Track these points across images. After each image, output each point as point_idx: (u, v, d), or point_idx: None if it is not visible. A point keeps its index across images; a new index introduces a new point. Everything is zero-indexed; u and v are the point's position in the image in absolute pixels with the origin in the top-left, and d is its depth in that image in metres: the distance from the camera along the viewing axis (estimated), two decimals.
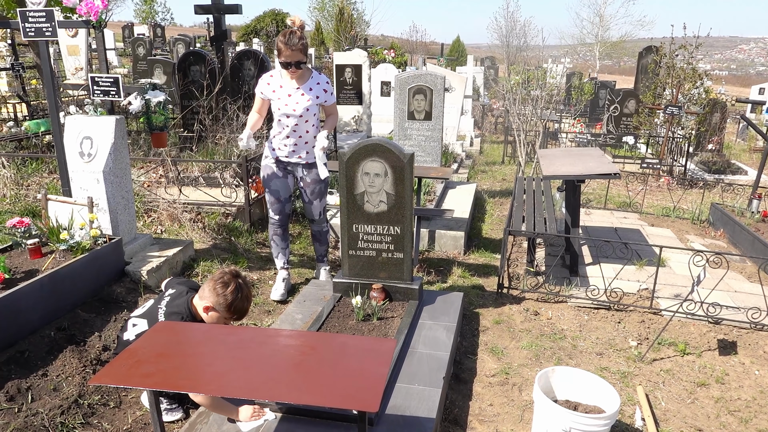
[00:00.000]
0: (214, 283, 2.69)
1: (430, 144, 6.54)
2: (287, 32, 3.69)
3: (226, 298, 2.65)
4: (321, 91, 3.89)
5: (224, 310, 2.67)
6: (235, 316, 2.71)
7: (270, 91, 3.88)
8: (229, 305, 2.66)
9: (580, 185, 4.72)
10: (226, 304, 2.66)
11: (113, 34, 23.97)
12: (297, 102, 3.83)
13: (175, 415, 2.87)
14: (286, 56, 3.70)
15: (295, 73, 3.80)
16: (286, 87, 3.85)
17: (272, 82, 3.89)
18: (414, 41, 38.28)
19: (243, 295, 2.69)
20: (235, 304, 2.67)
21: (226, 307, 2.66)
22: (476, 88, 14.55)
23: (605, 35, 28.42)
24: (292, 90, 3.84)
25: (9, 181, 5.94)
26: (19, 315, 3.18)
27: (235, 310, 2.68)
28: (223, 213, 5.49)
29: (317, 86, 3.88)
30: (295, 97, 3.84)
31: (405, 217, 3.53)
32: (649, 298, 4.16)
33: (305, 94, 3.84)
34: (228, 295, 2.66)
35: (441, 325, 3.47)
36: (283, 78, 3.86)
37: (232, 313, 2.68)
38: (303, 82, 3.85)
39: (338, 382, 1.98)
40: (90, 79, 4.13)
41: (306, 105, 3.84)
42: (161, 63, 10.50)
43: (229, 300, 2.65)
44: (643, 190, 7.51)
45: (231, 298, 2.66)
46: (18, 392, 2.84)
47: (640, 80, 14.12)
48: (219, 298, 2.66)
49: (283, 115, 3.86)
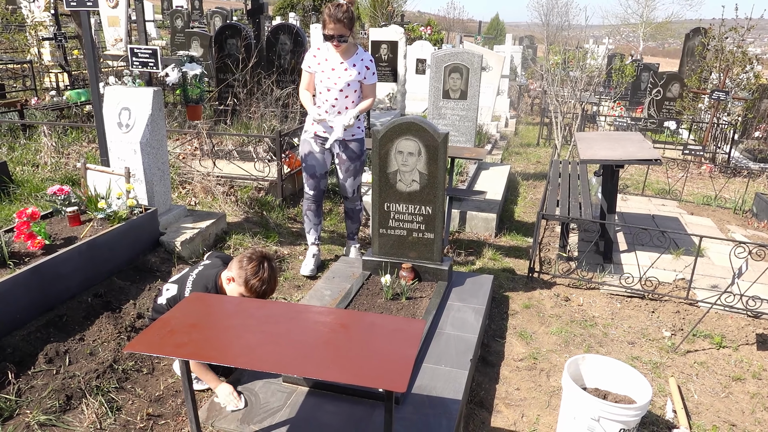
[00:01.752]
0: (242, 256, 2.71)
1: (465, 124, 6.45)
2: (334, 4, 3.68)
3: (246, 272, 2.65)
4: (363, 68, 3.86)
5: (242, 285, 2.66)
6: (251, 294, 2.67)
7: (315, 63, 3.88)
8: (246, 281, 2.65)
9: (618, 170, 4.59)
10: (244, 278, 2.65)
11: (152, 6, 24.18)
12: (339, 76, 3.82)
13: (205, 384, 2.93)
14: (330, 29, 3.69)
15: (339, 47, 3.78)
16: (331, 60, 3.84)
17: (318, 54, 3.89)
18: (451, 18, 37.62)
19: (262, 277, 2.66)
20: (251, 282, 2.64)
21: (244, 281, 2.65)
22: (513, 68, 14.25)
23: (651, 15, 27.45)
24: (336, 64, 3.83)
25: (50, 149, 6.08)
26: (58, 280, 3.28)
27: (251, 288, 2.65)
28: (256, 187, 5.53)
29: (360, 62, 3.86)
30: (338, 71, 3.82)
31: (437, 197, 3.49)
32: (685, 289, 4.05)
33: (348, 69, 3.83)
34: (248, 270, 2.65)
35: (470, 307, 3.45)
36: (329, 51, 3.85)
37: (248, 290, 2.66)
38: (348, 56, 3.84)
39: (367, 360, 1.98)
40: (129, 51, 4.17)
41: (348, 80, 3.82)
42: (198, 36, 10.54)
43: (248, 275, 2.64)
44: (683, 177, 7.28)
45: (249, 274, 2.65)
46: (56, 355, 2.94)
47: (685, 63, 13.60)
48: (240, 271, 2.66)
49: (324, 88, 3.86)
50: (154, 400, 2.81)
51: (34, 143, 6.42)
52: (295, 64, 7.67)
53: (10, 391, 2.67)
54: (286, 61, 7.75)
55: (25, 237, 3.30)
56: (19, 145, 6.42)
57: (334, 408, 2.55)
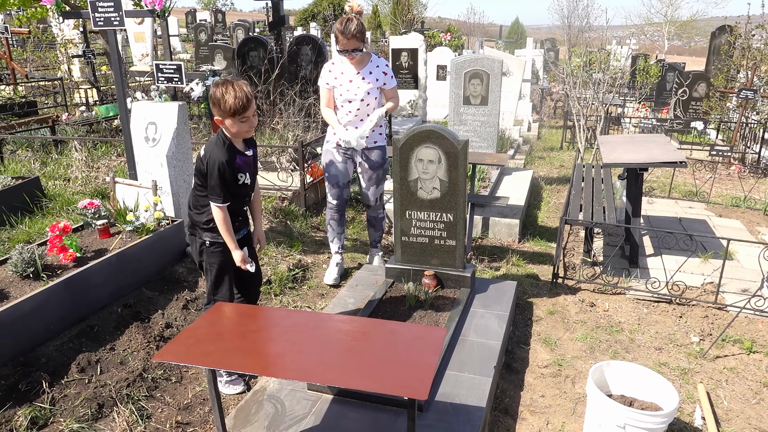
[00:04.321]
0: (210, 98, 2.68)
1: (486, 129, 6.44)
2: (344, 20, 3.71)
3: (219, 103, 2.59)
4: (381, 74, 3.90)
5: (223, 113, 2.60)
6: (235, 115, 2.59)
7: (332, 78, 3.92)
8: (222, 107, 2.58)
9: (642, 174, 4.53)
10: (219, 107, 2.60)
11: (177, 20, 24.69)
12: (358, 87, 3.87)
13: (237, 388, 3.00)
14: (343, 44, 3.73)
15: (353, 59, 3.83)
16: (347, 73, 3.89)
17: (333, 69, 3.93)
18: (471, 23, 37.57)
19: (229, 93, 2.57)
20: (225, 103, 2.57)
21: (221, 110, 2.59)
22: (535, 72, 14.17)
23: (675, 14, 27.02)
24: (353, 75, 3.87)
25: (81, 163, 6.26)
26: (89, 291, 3.37)
27: (228, 108, 2.57)
28: (280, 197, 5.60)
29: (377, 69, 3.89)
30: (356, 82, 3.87)
31: (458, 204, 3.50)
32: (713, 293, 3.98)
33: (365, 78, 3.87)
34: (219, 101, 2.59)
35: (493, 314, 3.45)
36: (344, 64, 3.90)
37: (229, 112, 2.58)
38: (362, 66, 3.88)
39: (389, 368, 2.00)
40: (155, 66, 4.28)
41: (367, 89, 3.87)
42: (221, 49, 10.75)
43: (221, 103, 2.58)
44: (711, 178, 7.14)
45: (221, 101, 2.58)
46: (88, 364, 3.02)
47: (711, 62, 13.36)
48: (215, 108, 2.63)
49: (345, 101, 3.91)
50: (183, 408, 2.87)
51: (65, 158, 6.62)
52: (316, 75, 7.76)
53: (45, 400, 2.75)
54: (308, 71, 7.85)
55: (57, 250, 3.41)
56: (51, 160, 6.63)
57: (358, 415, 2.57)
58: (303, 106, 7.09)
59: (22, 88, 10.87)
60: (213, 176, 2.63)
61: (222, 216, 2.68)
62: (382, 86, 3.93)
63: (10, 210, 4.82)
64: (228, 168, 2.63)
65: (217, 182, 2.63)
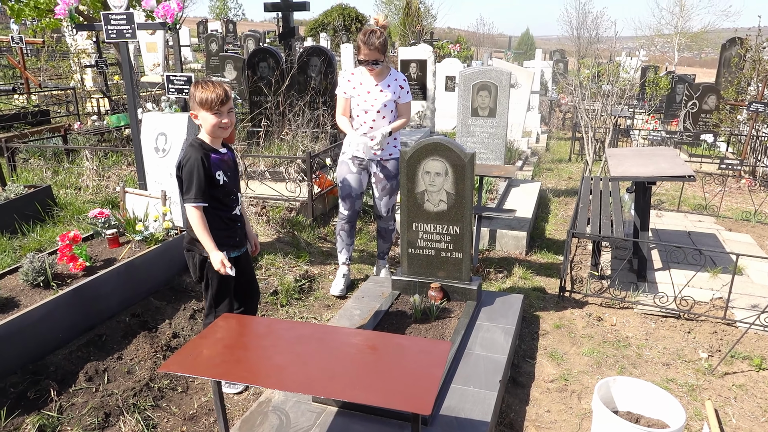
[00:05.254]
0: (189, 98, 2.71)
1: (494, 141, 6.45)
2: (367, 31, 3.80)
3: (194, 98, 2.64)
4: (398, 87, 3.95)
5: (200, 107, 2.64)
6: (212, 108, 2.63)
7: (350, 87, 3.99)
8: (199, 102, 2.62)
9: (650, 187, 4.52)
10: (196, 101, 2.64)
11: (188, 30, 24.97)
12: (375, 98, 3.92)
13: (237, 387, 3.04)
14: (365, 54, 3.79)
15: (373, 70, 3.88)
16: (366, 84, 3.95)
17: (352, 79, 4.00)
18: (481, 34, 37.66)
19: (204, 84, 2.64)
20: (202, 98, 2.61)
21: (198, 104, 2.63)
22: (544, 83, 14.19)
23: (685, 26, 26.96)
24: (371, 86, 3.93)
25: (92, 172, 6.33)
26: (98, 300, 3.40)
27: (205, 102, 2.61)
28: (287, 207, 5.63)
29: (395, 82, 3.95)
30: (374, 94, 3.92)
31: (465, 216, 3.51)
32: (722, 308, 3.95)
33: (383, 90, 3.93)
34: (194, 97, 2.64)
35: (499, 327, 3.44)
36: (363, 75, 3.96)
37: (206, 106, 2.62)
38: (381, 78, 3.94)
39: (393, 382, 2.00)
40: (166, 78, 4.34)
41: (384, 101, 3.92)
42: (232, 59, 10.86)
43: (197, 98, 2.62)
44: (721, 191, 7.10)
45: (195, 90, 2.64)
46: (96, 373, 3.05)
47: (722, 74, 13.31)
48: (192, 103, 2.67)
49: (362, 111, 3.96)
50: (188, 418, 2.88)
51: (76, 167, 6.69)
52: (326, 86, 7.82)
53: (53, 408, 2.78)
54: (318, 82, 7.91)
55: (68, 259, 3.45)
56: (62, 168, 6.70)
57: (363, 428, 2.57)
58: (312, 116, 7.14)
59: (35, 97, 11.02)
60: (186, 175, 2.63)
61: (197, 216, 2.64)
62: (397, 99, 3.97)
63: (22, 218, 4.87)
64: (202, 165, 2.61)
65: (190, 180, 2.62)
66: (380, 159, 4.06)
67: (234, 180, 2.82)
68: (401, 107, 4.03)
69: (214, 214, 2.73)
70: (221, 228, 2.76)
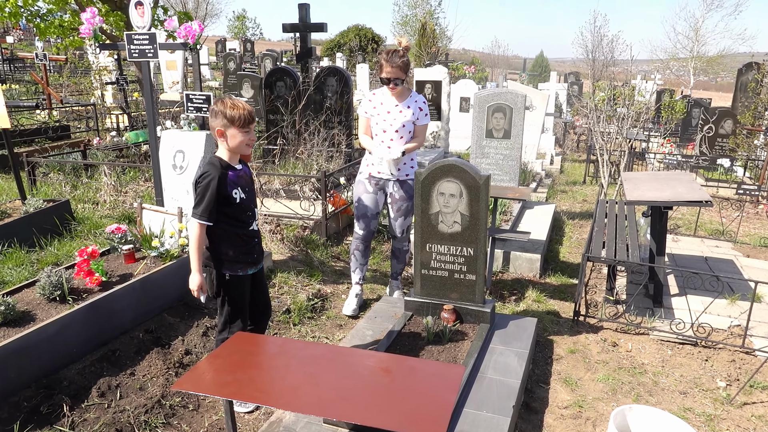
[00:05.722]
0: (211, 116, 2.71)
1: (508, 163, 6.45)
2: (391, 50, 3.89)
3: (225, 115, 2.64)
4: (417, 109, 4.00)
5: (230, 125, 2.64)
6: (242, 126, 2.66)
7: (371, 107, 4.06)
8: (230, 118, 2.64)
9: (667, 212, 4.48)
10: (226, 118, 2.64)
11: (207, 49, 25.43)
12: (395, 118, 3.98)
13: (248, 406, 3.04)
14: (387, 72, 3.86)
15: (394, 90, 3.95)
16: (386, 103, 4.01)
17: (374, 99, 4.07)
18: (496, 55, 37.89)
19: (233, 102, 2.67)
20: (232, 114, 2.63)
21: (229, 120, 2.64)
22: (558, 105, 14.21)
23: (701, 50, 26.90)
24: (392, 107, 3.99)
25: (110, 187, 6.42)
26: (113, 316, 3.43)
27: (237, 119, 2.64)
28: (301, 226, 5.65)
29: (414, 104, 4.01)
30: (394, 113, 3.98)
31: (479, 238, 3.50)
32: (741, 336, 3.88)
33: (402, 111, 3.98)
34: (224, 113, 2.64)
35: (512, 351, 3.40)
36: (384, 95, 4.03)
37: (237, 123, 2.64)
38: (402, 99, 4.00)
39: (405, 405, 1.99)
40: (185, 96, 4.41)
41: (403, 121, 3.97)
42: (249, 77, 11.02)
43: (228, 114, 2.63)
44: (738, 217, 7.02)
45: (224, 107, 2.64)
46: (108, 389, 3.05)
47: (738, 98, 13.25)
48: (220, 119, 2.66)
49: (380, 130, 4.02)
50: None
51: (95, 182, 6.79)
52: (342, 106, 7.90)
53: (65, 424, 2.78)
54: (333, 102, 7.99)
55: (84, 274, 3.48)
56: (81, 183, 6.80)
57: None
58: (327, 136, 7.20)
59: (56, 112, 11.23)
60: (200, 189, 2.65)
61: (197, 232, 2.66)
62: (415, 120, 4.01)
63: (40, 232, 4.94)
64: (218, 185, 2.63)
65: (202, 196, 2.64)
66: (397, 179, 4.08)
67: (250, 195, 2.85)
68: (418, 129, 4.06)
69: (232, 233, 2.76)
70: (239, 245, 2.78)
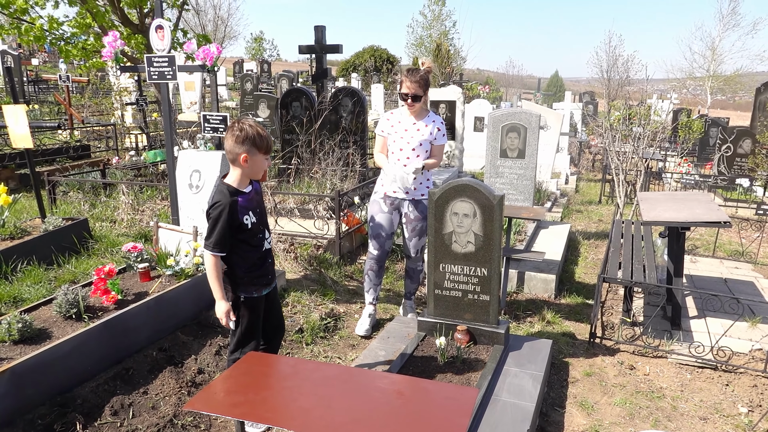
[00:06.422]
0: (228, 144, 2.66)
1: (523, 182, 6.43)
2: (412, 68, 3.97)
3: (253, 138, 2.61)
4: (435, 129, 4.03)
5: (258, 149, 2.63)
6: (264, 149, 2.65)
7: (389, 126, 4.09)
8: (253, 141, 2.62)
9: (684, 232, 4.43)
10: (255, 143, 2.62)
11: (225, 70, 25.85)
12: (412, 136, 4.01)
13: (260, 427, 3.00)
14: (407, 87, 3.92)
15: (412, 107, 3.98)
16: (404, 122, 4.05)
17: (391, 118, 4.12)
18: (510, 75, 38.02)
19: (260, 128, 2.66)
20: (259, 139, 2.62)
21: (252, 144, 2.61)
22: (573, 125, 14.18)
23: (718, 69, 26.77)
24: (409, 125, 4.03)
25: (127, 206, 6.50)
26: (127, 334, 3.45)
27: (259, 142, 2.62)
28: (315, 245, 5.67)
29: (432, 123, 4.04)
30: (411, 132, 4.02)
31: (492, 258, 3.48)
32: (763, 360, 3.79)
33: (420, 129, 4.01)
34: (244, 136, 2.60)
35: (527, 373, 3.36)
36: (402, 114, 4.07)
37: (260, 147, 2.63)
38: (420, 118, 4.04)
39: (418, 429, 1.97)
40: (202, 117, 4.48)
41: (420, 139, 3.99)
42: (265, 98, 11.15)
43: (253, 135, 2.61)
44: (758, 237, 6.90)
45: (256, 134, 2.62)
46: (121, 407, 3.06)
47: (757, 118, 13.11)
48: (240, 145, 2.61)
49: (397, 148, 4.04)
50: None
51: (113, 200, 6.88)
52: (357, 126, 7.96)
53: None
54: (349, 121, 8.05)
55: (101, 292, 3.52)
56: (99, 202, 6.90)
57: None
58: (342, 155, 7.25)
59: (77, 132, 11.45)
60: (211, 221, 2.67)
61: (212, 263, 2.68)
62: (432, 140, 4.02)
63: (59, 250, 5.01)
64: (229, 213, 2.64)
65: (213, 227, 2.66)
66: (412, 198, 4.08)
67: (261, 216, 2.84)
68: (435, 149, 4.07)
69: (245, 257, 2.77)
70: (254, 268, 2.80)
